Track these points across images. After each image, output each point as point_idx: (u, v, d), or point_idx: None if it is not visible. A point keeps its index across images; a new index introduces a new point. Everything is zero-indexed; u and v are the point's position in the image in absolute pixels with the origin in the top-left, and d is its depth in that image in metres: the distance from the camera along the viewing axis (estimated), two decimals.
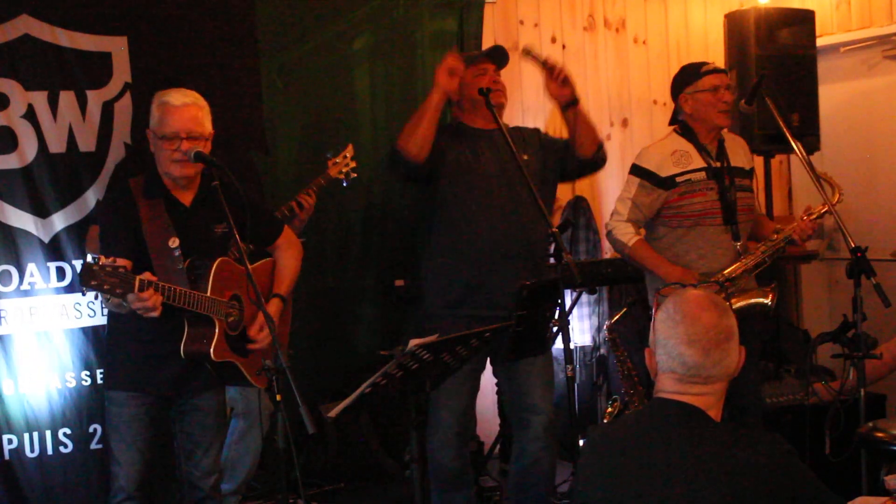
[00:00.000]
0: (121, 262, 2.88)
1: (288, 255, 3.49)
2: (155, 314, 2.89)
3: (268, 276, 3.43)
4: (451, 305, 3.67)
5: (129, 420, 3.18)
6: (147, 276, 2.88)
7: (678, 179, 3.72)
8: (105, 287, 2.76)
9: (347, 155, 4.31)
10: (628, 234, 3.71)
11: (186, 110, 3.14)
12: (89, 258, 2.75)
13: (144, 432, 3.21)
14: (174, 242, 3.06)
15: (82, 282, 2.75)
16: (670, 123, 3.91)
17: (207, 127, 3.20)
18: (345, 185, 4.32)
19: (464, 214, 3.65)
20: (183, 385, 3.23)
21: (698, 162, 3.75)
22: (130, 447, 3.18)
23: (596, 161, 3.81)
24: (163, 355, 3.14)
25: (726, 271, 3.66)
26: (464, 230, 3.65)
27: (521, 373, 3.68)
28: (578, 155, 3.73)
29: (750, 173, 3.91)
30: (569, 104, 3.66)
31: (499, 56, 3.79)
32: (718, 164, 3.76)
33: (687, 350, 2.11)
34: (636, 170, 3.79)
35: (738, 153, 3.88)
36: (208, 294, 3.07)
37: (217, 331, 3.09)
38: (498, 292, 3.60)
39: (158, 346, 3.13)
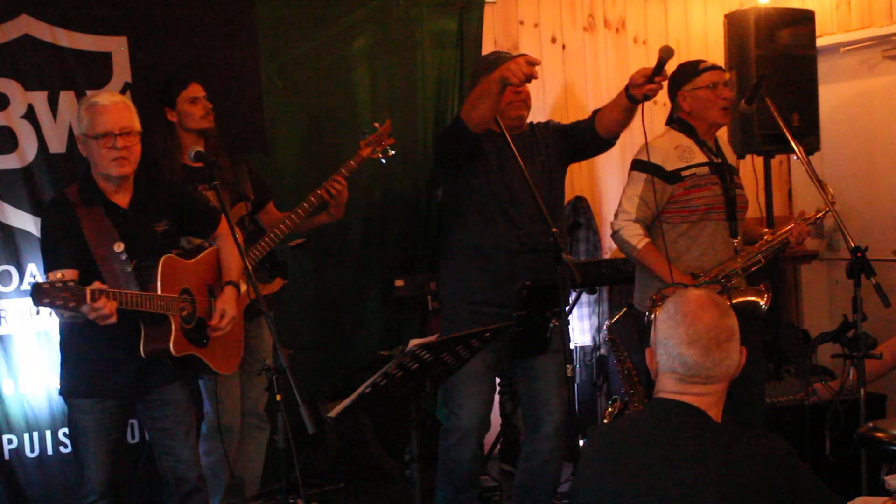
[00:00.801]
0: (68, 274, 2.95)
1: (227, 241, 3.45)
2: (112, 321, 2.92)
3: (213, 266, 3.45)
4: (469, 301, 3.66)
5: (95, 425, 3.18)
6: (97, 285, 2.90)
7: (684, 174, 3.69)
8: (57, 303, 2.80)
9: (384, 133, 4.13)
10: (637, 237, 3.65)
11: (116, 108, 3.14)
12: (38, 278, 2.78)
13: (110, 435, 3.20)
14: (119, 247, 3.07)
15: (35, 301, 2.79)
16: (667, 123, 3.90)
17: (137, 126, 3.18)
18: (383, 161, 4.16)
19: (488, 210, 3.64)
20: (144, 384, 3.23)
21: (700, 157, 3.73)
22: (98, 451, 3.18)
23: (610, 142, 3.75)
24: (119, 358, 3.15)
25: (725, 268, 3.65)
26: (487, 225, 3.63)
27: (540, 371, 3.67)
28: (599, 131, 3.66)
29: (737, 172, 3.92)
30: (638, 100, 3.51)
31: None
32: (719, 160, 3.77)
33: (687, 350, 2.11)
34: (641, 165, 3.71)
35: (728, 153, 3.89)
36: (159, 292, 3.09)
37: (173, 327, 3.12)
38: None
39: (114, 350, 3.13)
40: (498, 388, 4.70)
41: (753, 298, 3.62)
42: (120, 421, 3.28)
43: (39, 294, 2.78)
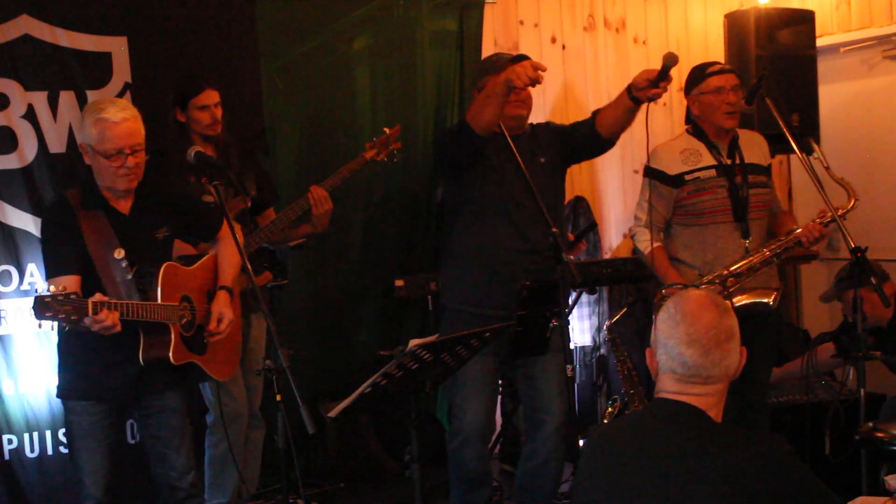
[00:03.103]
0: (71, 282, 2.93)
1: (227, 245, 3.39)
2: (116, 330, 2.89)
3: (213, 271, 3.42)
4: (472, 304, 3.65)
5: (90, 428, 3.15)
6: (98, 297, 2.87)
7: (687, 178, 3.78)
8: (60, 316, 2.77)
9: (392, 136, 4.16)
10: (645, 242, 3.81)
11: (126, 125, 3.05)
12: (37, 278, 2.74)
13: (106, 439, 3.18)
14: (120, 253, 3.05)
15: (36, 315, 2.75)
16: (686, 121, 3.96)
17: (143, 134, 3.13)
18: (395, 160, 4.21)
19: (488, 211, 3.64)
20: (141, 389, 3.19)
21: (708, 160, 3.79)
22: (94, 454, 3.15)
23: (611, 141, 3.75)
24: (117, 362, 3.11)
25: (732, 267, 3.69)
26: (488, 226, 3.63)
27: (540, 372, 3.67)
28: (600, 130, 3.66)
29: (766, 170, 3.93)
30: (641, 101, 3.52)
31: None
32: (729, 162, 3.79)
33: (687, 350, 2.11)
34: (647, 171, 3.87)
35: (754, 150, 3.91)
36: (159, 301, 3.06)
37: (173, 335, 3.10)
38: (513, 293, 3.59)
39: (112, 354, 3.10)
40: (500, 389, 4.71)
41: (761, 299, 3.68)
42: (116, 424, 3.25)
43: (42, 308, 2.74)
